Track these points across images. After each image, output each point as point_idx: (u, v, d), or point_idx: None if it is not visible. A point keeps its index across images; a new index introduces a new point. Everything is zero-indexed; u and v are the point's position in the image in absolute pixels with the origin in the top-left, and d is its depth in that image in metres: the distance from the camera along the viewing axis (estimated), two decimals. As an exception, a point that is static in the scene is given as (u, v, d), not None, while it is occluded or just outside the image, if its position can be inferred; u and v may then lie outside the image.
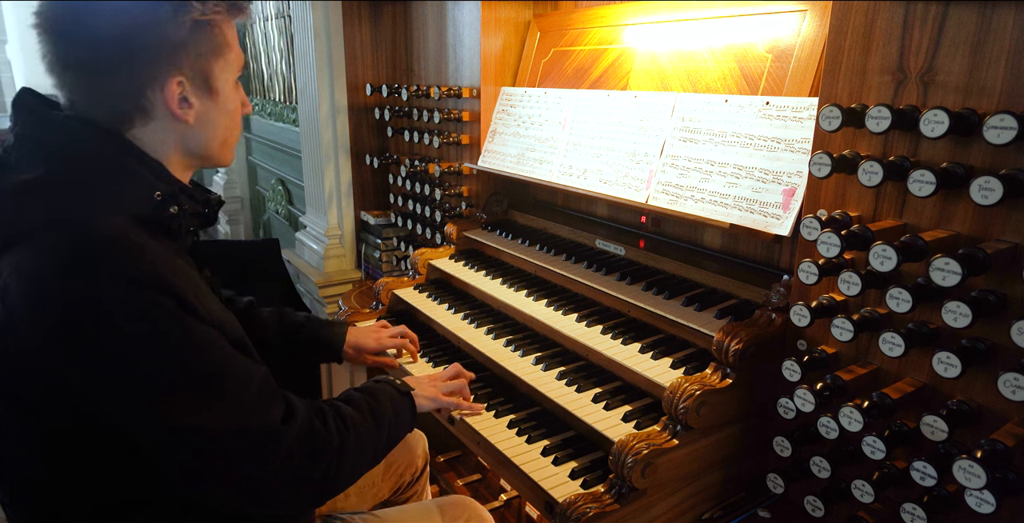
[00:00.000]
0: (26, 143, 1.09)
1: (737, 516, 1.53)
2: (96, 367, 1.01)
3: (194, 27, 1.10)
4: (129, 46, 1.07)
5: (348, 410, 1.26)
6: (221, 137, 1.22)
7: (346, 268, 3.36)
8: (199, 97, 1.15)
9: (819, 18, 1.58)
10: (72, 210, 1.03)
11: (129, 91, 1.10)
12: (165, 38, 1.08)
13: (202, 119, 1.17)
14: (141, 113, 1.12)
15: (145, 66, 1.09)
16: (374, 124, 3.19)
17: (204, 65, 1.14)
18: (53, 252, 0.99)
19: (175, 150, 1.18)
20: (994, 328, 1.12)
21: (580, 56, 2.26)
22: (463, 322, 2.07)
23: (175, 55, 1.10)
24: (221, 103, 1.19)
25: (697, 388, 1.39)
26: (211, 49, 1.14)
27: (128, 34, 1.06)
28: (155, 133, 1.14)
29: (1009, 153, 1.08)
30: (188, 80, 1.12)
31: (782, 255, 1.73)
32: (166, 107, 1.12)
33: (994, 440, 1.05)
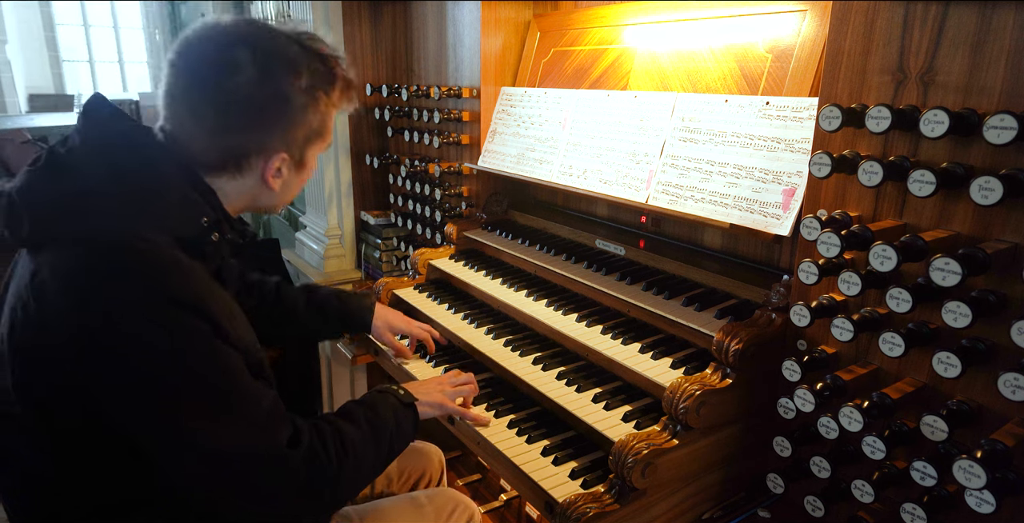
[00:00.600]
0: (92, 149, 1.11)
1: (737, 516, 1.53)
2: (118, 377, 1.02)
3: (314, 115, 1.18)
4: (258, 118, 1.12)
5: (348, 429, 1.26)
6: (288, 200, 1.32)
7: (346, 268, 3.36)
8: (290, 170, 1.23)
9: (819, 18, 1.58)
10: (123, 224, 1.05)
11: (237, 152, 1.16)
12: (289, 118, 1.15)
13: (283, 187, 1.25)
14: (235, 170, 1.18)
15: (261, 137, 1.15)
16: (374, 124, 3.19)
17: (307, 145, 1.22)
18: (97, 259, 1.02)
19: (242, 200, 1.24)
20: (994, 328, 1.12)
21: (580, 56, 2.26)
22: (463, 322, 2.07)
23: (290, 134, 1.17)
24: (303, 174, 1.27)
25: (697, 388, 1.39)
26: (318, 135, 1.23)
27: (261, 105, 1.11)
28: (235, 186, 1.20)
29: (1009, 153, 1.08)
30: (290, 157, 1.20)
31: (782, 255, 1.73)
32: (260, 173, 1.19)
33: (994, 440, 1.05)
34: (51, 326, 1.02)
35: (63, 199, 1.06)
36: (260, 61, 1.10)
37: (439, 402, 1.52)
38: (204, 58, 1.11)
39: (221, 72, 1.09)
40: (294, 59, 1.14)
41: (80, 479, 1.13)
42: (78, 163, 1.09)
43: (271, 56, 1.11)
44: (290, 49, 1.14)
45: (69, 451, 1.12)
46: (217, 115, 1.12)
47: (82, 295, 1.00)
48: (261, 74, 1.10)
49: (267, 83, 1.11)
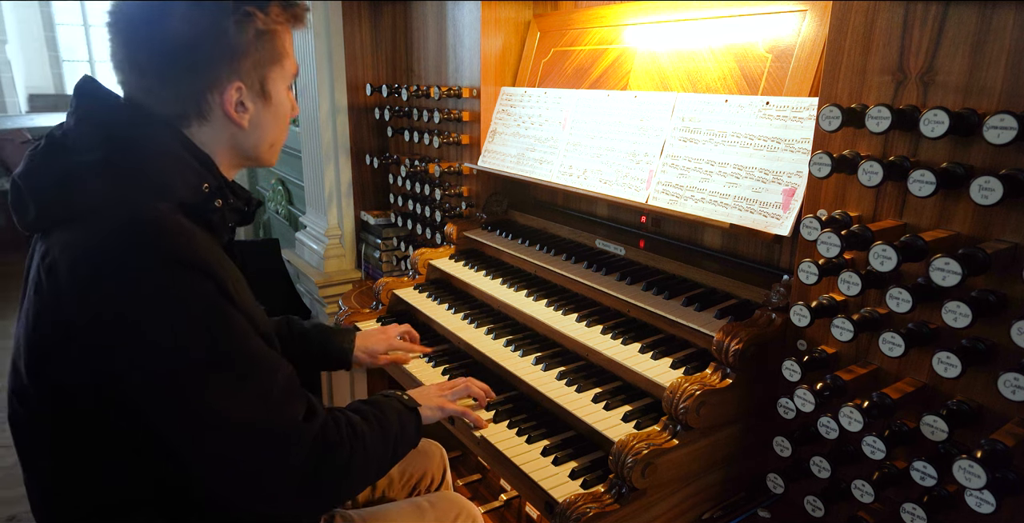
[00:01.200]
0: (85, 126, 1.13)
1: (737, 516, 1.53)
2: (133, 345, 1.02)
3: (256, 36, 1.15)
4: (195, 52, 1.12)
5: (358, 420, 1.26)
6: (270, 139, 1.28)
7: (346, 268, 3.36)
8: (254, 102, 1.20)
9: (819, 18, 1.58)
10: (125, 194, 1.06)
11: (190, 94, 1.15)
12: (228, 47, 1.13)
13: (255, 123, 1.22)
14: (198, 114, 1.17)
15: (207, 72, 1.14)
16: (374, 124, 3.19)
17: (262, 73, 1.19)
18: (105, 232, 1.03)
19: (226, 150, 1.23)
20: (994, 328, 1.12)
21: (580, 56, 2.26)
22: (463, 322, 2.07)
23: (236, 63, 1.15)
24: (274, 108, 1.24)
25: (697, 388, 1.39)
26: (270, 58, 1.19)
27: (195, 41, 1.11)
28: (209, 133, 1.20)
29: (1009, 153, 1.08)
30: (246, 87, 1.18)
31: (782, 255, 1.73)
32: (223, 110, 1.18)
33: (994, 440, 1.05)
34: (64, 302, 1.03)
35: (64, 179, 1.08)
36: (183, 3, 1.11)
37: (440, 405, 1.54)
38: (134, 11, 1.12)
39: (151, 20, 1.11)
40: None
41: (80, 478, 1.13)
42: (74, 142, 1.11)
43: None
44: None
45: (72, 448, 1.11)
46: (157, 62, 1.12)
47: (92, 267, 1.01)
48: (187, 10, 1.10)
49: (194, 17, 1.11)
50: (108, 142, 1.10)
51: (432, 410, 1.51)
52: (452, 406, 1.57)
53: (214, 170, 1.21)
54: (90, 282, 1.01)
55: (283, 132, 1.32)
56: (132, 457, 1.11)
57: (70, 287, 1.02)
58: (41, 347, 1.08)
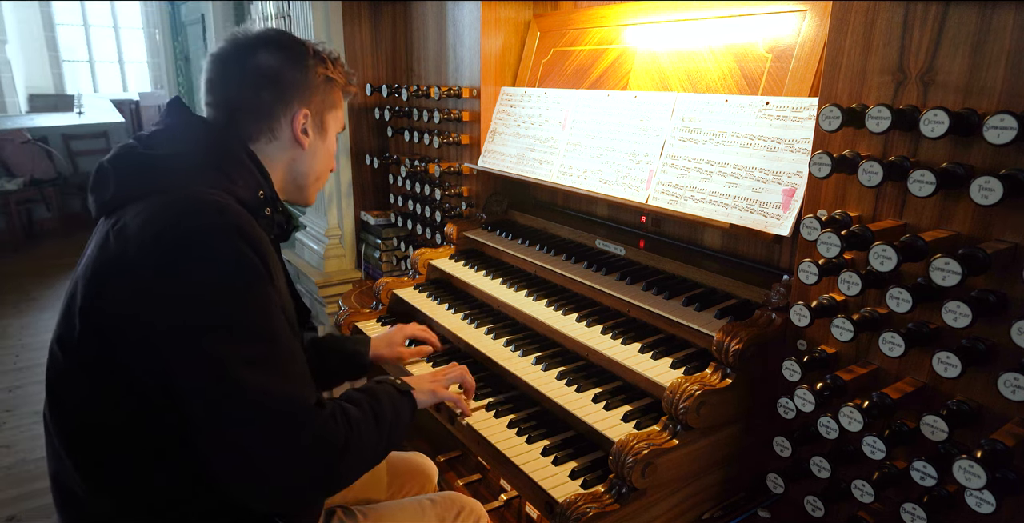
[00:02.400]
0: (169, 131, 1.32)
1: (737, 516, 1.53)
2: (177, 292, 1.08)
3: (324, 80, 1.42)
4: (277, 81, 1.36)
5: (352, 410, 1.27)
6: (318, 171, 1.48)
7: (346, 268, 3.36)
8: (314, 132, 1.43)
9: (819, 18, 1.58)
10: (195, 180, 1.22)
11: (268, 115, 1.37)
12: (303, 80, 1.39)
13: (312, 150, 1.44)
14: (270, 132, 1.38)
15: (285, 96, 1.37)
16: (374, 124, 3.19)
17: (323, 110, 1.44)
18: (174, 206, 1.15)
19: (283, 170, 1.43)
20: (994, 328, 1.12)
21: (580, 56, 2.26)
22: (463, 322, 2.07)
23: (306, 95, 1.40)
24: (327, 143, 1.48)
25: (697, 388, 1.39)
26: (330, 101, 1.45)
27: (278, 72, 1.36)
28: (274, 151, 1.40)
29: (1009, 153, 1.08)
30: (311, 116, 1.41)
31: (782, 255, 1.73)
32: (291, 131, 1.39)
33: (994, 440, 1.05)
34: (129, 254, 1.11)
35: (144, 164, 1.24)
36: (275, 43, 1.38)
37: (432, 390, 1.57)
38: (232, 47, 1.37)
39: (244, 52, 1.35)
40: (300, 42, 1.42)
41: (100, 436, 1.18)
42: (161, 138, 1.29)
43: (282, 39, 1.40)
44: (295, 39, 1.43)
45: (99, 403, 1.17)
46: (243, 83, 1.35)
47: (160, 226, 1.11)
48: (276, 51, 1.37)
49: (280, 53, 1.37)
50: (189, 142, 1.28)
51: (425, 394, 1.54)
52: (444, 392, 1.60)
53: (270, 183, 1.37)
54: (155, 236, 1.11)
55: (327, 171, 1.52)
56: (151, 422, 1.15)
57: (137, 239, 1.12)
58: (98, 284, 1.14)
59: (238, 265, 1.12)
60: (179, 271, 1.09)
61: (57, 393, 1.23)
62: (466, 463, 2.34)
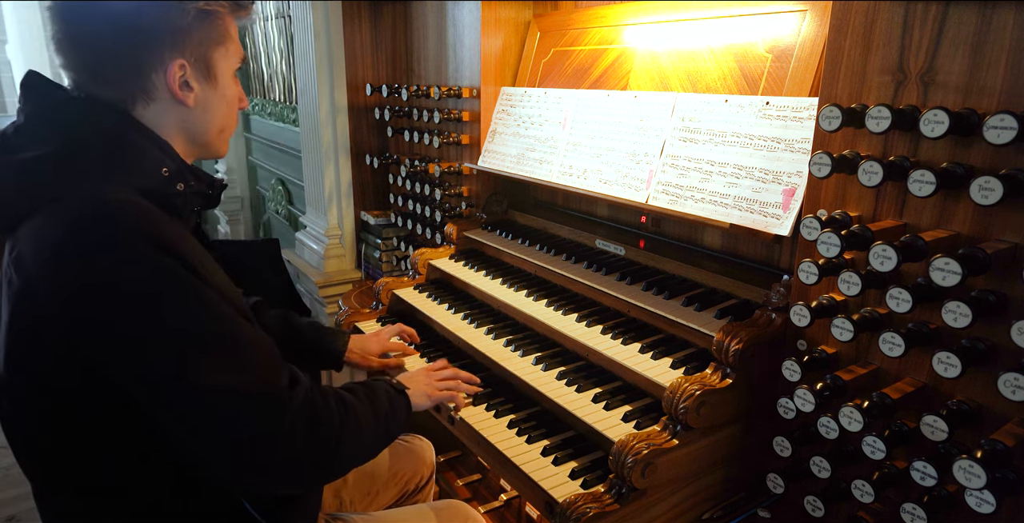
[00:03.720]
0: (34, 121, 1.13)
1: (737, 516, 1.53)
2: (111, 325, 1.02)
3: (197, 15, 1.16)
4: (135, 29, 1.12)
5: (347, 395, 1.27)
6: (219, 124, 1.28)
7: (346, 268, 3.36)
8: (199, 82, 1.20)
9: (819, 18, 1.58)
10: (83, 183, 1.06)
11: (134, 72, 1.15)
12: (169, 24, 1.14)
13: (202, 104, 1.22)
14: (144, 94, 1.17)
15: (149, 49, 1.14)
16: (374, 124, 3.19)
17: (205, 52, 1.20)
18: (66, 220, 1.02)
19: (177, 133, 1.23)
20: (994, 328, 1.12)
21: (580, 56, 2.26)
22: (463, 322, 2.07)
23: (178, 40, 1.15)
24: (220, 90, 1.24)
25: (697, 388, 1.39)
26: (212, 38, 1.20)
27: (135, 18, 1.12)
28: (158, 115, 1.19)
29: (1009, 153, 1.08)
30: (190, 65, 1.18)
31: (782, 255, 1.73)
32: (168, 89, 1.17)
33: (994, 440, 1.05)
34: (34, 289, 1.03)
35: (21, 174, 1.08)
36: None
37: (427, 393, 1.57)
38: None
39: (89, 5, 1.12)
40: None
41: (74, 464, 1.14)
42: (27, 138, 1.11)
43: None
44: None
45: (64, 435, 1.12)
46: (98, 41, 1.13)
47: (57, 250, 1.01)
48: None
49: None
50: (59, 134, 1.10)
51: (420, 397, 1.54)
52: (439, 394, 1.61)
53: (171, 153, 1.20)
54: (54, 262, 1.02)
55: (232, 119, 1.32)
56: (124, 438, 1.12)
57: (35, 269, 1.03)
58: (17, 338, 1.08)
59: (155, 275, 1.02)
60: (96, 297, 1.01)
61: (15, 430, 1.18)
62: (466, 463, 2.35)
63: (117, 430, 1.12)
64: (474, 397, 1.76)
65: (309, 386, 1.16)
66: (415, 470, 1.92)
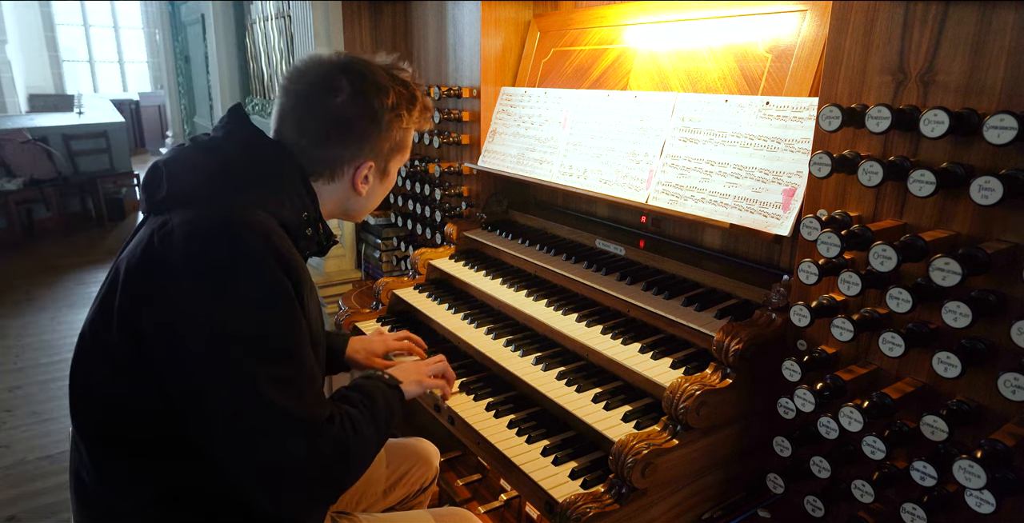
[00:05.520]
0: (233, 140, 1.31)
1: (737, 516, 1.53)
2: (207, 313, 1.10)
3: (398, 131, 1.39)
4: (352, 130, 1.33)
5: (353, 413, 1.30)
6: (371, 207, 1.51)
7: (346, 268, 3.36)
8: (375, 178, 1.43)
9: (819, 18, 1.58)
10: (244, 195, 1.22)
11: (332, 160, 1.36)
12: (377, 134, 1.36)
13: (369, 193, 1.44)
14: (330, 175, 1.37)
15: (354, 148, 1.35)
16: (374, 124, 3.18)
17: (390, 158, 1.43)
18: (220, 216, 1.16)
19: (333, 203, 1.42)
20: (994, 328, 1.12)
21: (580, 56, 2.26)
22: (463, 322, 2.07)
23: (377, 148, 1.38)
24: (386, 184, 1.48)
25: (697, 388, 1.39)
26: (400, 148, 1.43)
27: (355, 121, 1.33)
28: (328, 189, 1.39)
29: (1009, 153, 1.08)
30: (376, 166, 1.40)
31: (782, 255, 1.73)
32: (351, 180, 1.39)
33: (994, 440, 1.05)
34: (172, 264, 1.13)
35: (202, 171, 1.24)
36: (356, 84, 1.31)
37: (418, 380, 1.62)
38: (311, 82, 1.32)
39: (324, 93, 1.31)
40: (384, 84, 1.35)
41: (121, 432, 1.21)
42: (219, 146, 1.30)
43: (365, 81, 1.33)
44: (380, 75, 1.35)
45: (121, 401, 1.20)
46: (318, 129, 1.32)
47: (205, 243, 1.13)
48: (356, 95, 1.31)
49: (360, 103, 1.32)
50: (247, 156, 1.29)
51: (412, 385, 1.59)
52: (430, 381, 1.66)
53: (316, 206, 1.37)
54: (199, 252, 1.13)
55: (379, 203, 1.53)
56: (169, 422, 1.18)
57: (182, 251, 1.13)
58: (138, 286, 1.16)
59: (273, 291, 1.14)
60: (220, 291, 1.11)
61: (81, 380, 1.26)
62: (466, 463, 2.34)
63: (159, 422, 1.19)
64: (474, 395, 1.76)
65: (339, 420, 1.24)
66: (422, 474, 1.93)
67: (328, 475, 1.20)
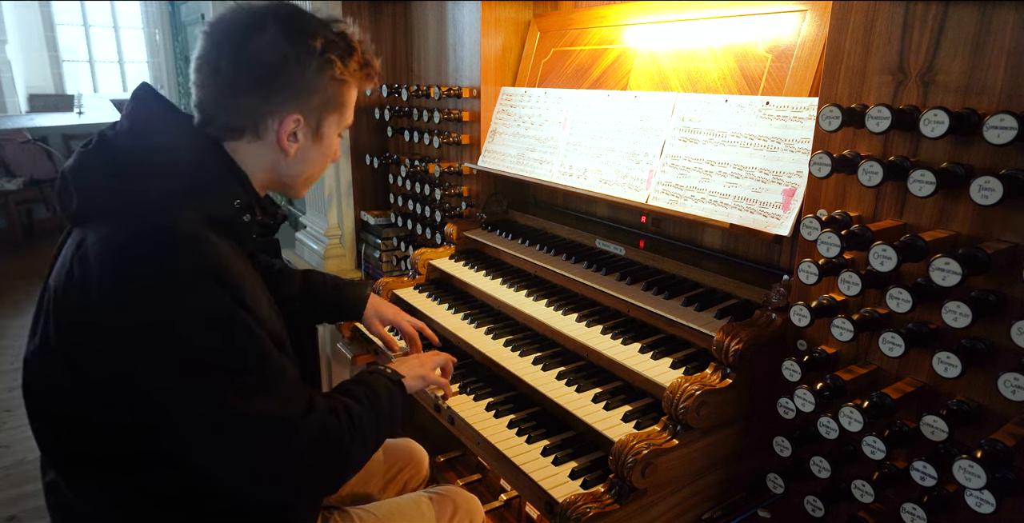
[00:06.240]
0: (137, 132, 1.22)
1: (737, 516, 1.53)
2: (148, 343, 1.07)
3: (329, 81, 1.27)
4: (273, 76, 1.22)
5: (354, 406, 1.31)
6: (308, 173, 1.38)
7: (346, 268, 3.36)
8: (306, 137, 1.31)
9: (819, 18, 1.58)
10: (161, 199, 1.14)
11: (253, 110, 1.24)
12: (303, 81, 1.24)
13: (300, 155, 1.32)
14: (253, 131, 1.26)
15: (277, 96, 1.24)
16: (374, 124, 3.19)
17: (322, 114, 1.30)
18: (137, 232, 1.09)
19: (264, 170, 1.32)
20: (994, 328, 1.12)
21: (580, 56, 2.26)
22: (463, 322, 2.07)
23: (304, 98, 1.26)
24: (322, 148, 1.35)
25: (697, 388, 1.39)
26: (334, 103, 1.31)
27: (277, 66, 1.21)
28: (254, 152, 1.28)
29: (1009, 153, 1.08)
30: (304, 121, 1.28)
31: (782, 255, 1.73)
32: (276, 136, 1.27)
33: (994, 440, 1.05)
34: (92, 292, 1.08)
35: (110, 178, 1.16)
36: (281, 26, 1.21)
37: (421, 375, 1.61)
38: (231, 24, 1.22)
39: (244, 34, 1.20)
40: (312, 28, 1.24)
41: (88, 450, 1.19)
42: (125, 145, 1.20)
43: (291, 23, 1.23)
44: (311, 21, 1.25)
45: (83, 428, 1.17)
46: (236, 73, 1.21)
47: (123, 264, 1.07)
48: (279, 36, 1.20)
49: (283, 44, 1.21)
50: (156, 151, 1.19)
51: (415, 380, 1.59)
52: (433, 376, 1.66)
53: (247, 186, 1.29)
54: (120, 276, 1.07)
55: (322, 170, 1.42)
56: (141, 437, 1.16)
57: (99, 274, 1.08)
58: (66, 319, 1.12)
59: (212, 305, 1.09)
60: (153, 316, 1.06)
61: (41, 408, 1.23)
62: (466, 463, 2.35)
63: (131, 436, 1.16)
64: (474, 395, 1.76)
65: (325, 410, 1.23)
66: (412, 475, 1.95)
67: (320, 465, 1.18)
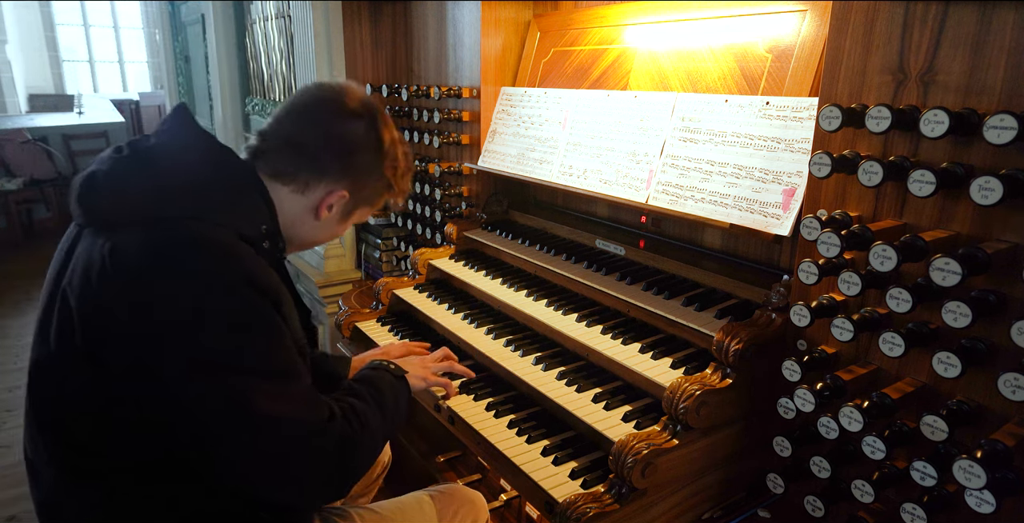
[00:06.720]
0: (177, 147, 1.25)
1: (737, 516, 1.53)
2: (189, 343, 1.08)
3: (382, 182, 1.41)
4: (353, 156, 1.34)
5: (359, 405, 1.32)
6: (314, 239, 1.47)
7: (346, 268, 3.36)
8: (337, 212, 1.40)
9: (819, 18, 1.58)
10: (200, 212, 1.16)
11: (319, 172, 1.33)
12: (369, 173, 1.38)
13: (322, 225, 1.41)
14: (302, 186, 1.34)
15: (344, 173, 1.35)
16: (374, 124, 3.18)
17: (358, 203, 1.42)
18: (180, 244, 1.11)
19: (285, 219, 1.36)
20: (994, 328, 1.12)
21: (580, 56, 2.26)
22: (463, 322, 2.07)
23: (359, 183, 1.38)
24: (338, 226, 1.46)
25: (697, 388, 1.39)
26: (372, 199, 1.44)
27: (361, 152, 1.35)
28: (290, 201, 1.35)
29: (1009, 153, 1.08)
30: (346, 203, 1.39)
31: (782, 255, 1.73)
32: (319, 200, 1.36)
33: (994, 440, 1.05)
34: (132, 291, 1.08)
35: (149, 185, 1.17)
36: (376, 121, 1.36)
37: (424, 376, 1.64)
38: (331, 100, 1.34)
39: (339, 113, 1.33)
40: (398, 135, 1.41)
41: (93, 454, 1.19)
42: (163, 156, 1.23)
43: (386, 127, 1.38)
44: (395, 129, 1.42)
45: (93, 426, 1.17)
46: (316, 139, 1.32)
47: (166, 268, 1.09)
48: (370, 130, 1.35)
49: (371, 136, 1.35)
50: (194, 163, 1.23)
51: (417, 380, 1.61)
52: (434, 378, 1.69)
53: (275, 219, 1.34)
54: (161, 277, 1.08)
55: (322, 242, 1.54)
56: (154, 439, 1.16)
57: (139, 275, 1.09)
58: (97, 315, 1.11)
59: (248, 312, 1.12)
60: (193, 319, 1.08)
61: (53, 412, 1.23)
62: (466, 463, 2.34)
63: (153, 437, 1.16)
64: (474, 395, 1.76)
65: (339, 412, 1.26)
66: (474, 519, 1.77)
67: (339, 469, 1.22)
